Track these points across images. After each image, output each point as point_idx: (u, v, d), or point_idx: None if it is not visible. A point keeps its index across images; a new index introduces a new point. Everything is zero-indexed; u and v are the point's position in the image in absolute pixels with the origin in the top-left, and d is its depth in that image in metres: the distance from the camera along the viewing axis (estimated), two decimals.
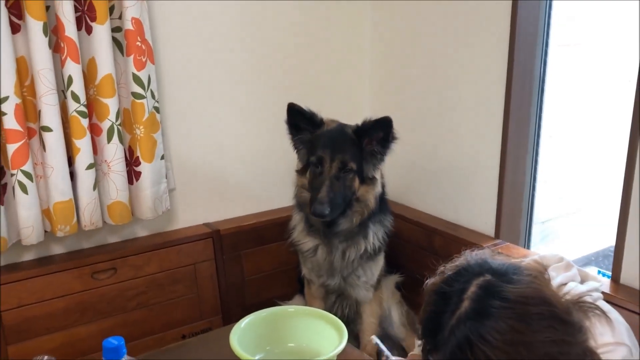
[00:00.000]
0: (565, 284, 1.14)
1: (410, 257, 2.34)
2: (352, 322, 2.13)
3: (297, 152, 1.95)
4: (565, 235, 3.39)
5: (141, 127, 1.96)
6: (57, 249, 2.04)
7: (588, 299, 1.11)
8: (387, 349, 1.31)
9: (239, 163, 2.37)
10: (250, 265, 2.37)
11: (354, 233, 1.94)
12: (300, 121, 1.88)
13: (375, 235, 1.99)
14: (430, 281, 1.07)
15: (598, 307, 1.09)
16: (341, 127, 1.88)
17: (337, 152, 1.81)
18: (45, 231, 1.91)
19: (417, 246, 2.32)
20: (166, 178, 2.09)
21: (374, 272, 2.04)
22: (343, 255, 1.96)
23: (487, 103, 2.09)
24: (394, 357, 1.29)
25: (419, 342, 1.10)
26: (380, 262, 2.07)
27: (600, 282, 1.19)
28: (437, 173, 2.37)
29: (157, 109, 2.00)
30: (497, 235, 2.13)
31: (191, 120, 2.21)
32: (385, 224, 2.04)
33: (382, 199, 2.00)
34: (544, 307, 0.94)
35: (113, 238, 2.14)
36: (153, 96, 1.98)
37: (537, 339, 0.91)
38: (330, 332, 1.51)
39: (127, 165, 2.01)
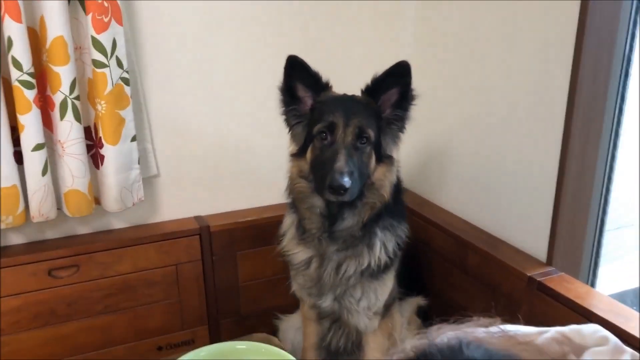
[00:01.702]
0: None
1: (436, 272, 1.88)
2: (350, 354, 1.72)
3: (291, 129, 1.57)
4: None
5: (102, 102, 1.63)
6: (15, 239, 1.78)
7: None
8: None
9: (237, 147, 2.00)
10: (247, 268, 2.02)
11: (357, 240, 1.53)
12: (300, 84, 1.52)
13: (384, 247, 1.57)
14: None
15: None
16: (350, 95, 1.52)
17: (352, 116, 1.44)
18: None
19: (445, 260, 1.85)
20: (139, 163, 1.76)
21: (378, 295, 1.61)
22: (337, 269, 1.55)
23: (545, 91, 1.57)
24: None
25: None
26: (388, 283, 1.62)
27: None
28: (474, 168, 1.88)
29: (125, 81, 1.67)
30: (550, 261, 1.61)
31: (178, 94, 1.87)
32: (399, 232, 1.60)
33: (398, 198, 1.59)
34: None
35: (83, 229, 1.86)
36: (120, 65, 1.65)
37: None
38: None
39: (92, 147, 1.71)
